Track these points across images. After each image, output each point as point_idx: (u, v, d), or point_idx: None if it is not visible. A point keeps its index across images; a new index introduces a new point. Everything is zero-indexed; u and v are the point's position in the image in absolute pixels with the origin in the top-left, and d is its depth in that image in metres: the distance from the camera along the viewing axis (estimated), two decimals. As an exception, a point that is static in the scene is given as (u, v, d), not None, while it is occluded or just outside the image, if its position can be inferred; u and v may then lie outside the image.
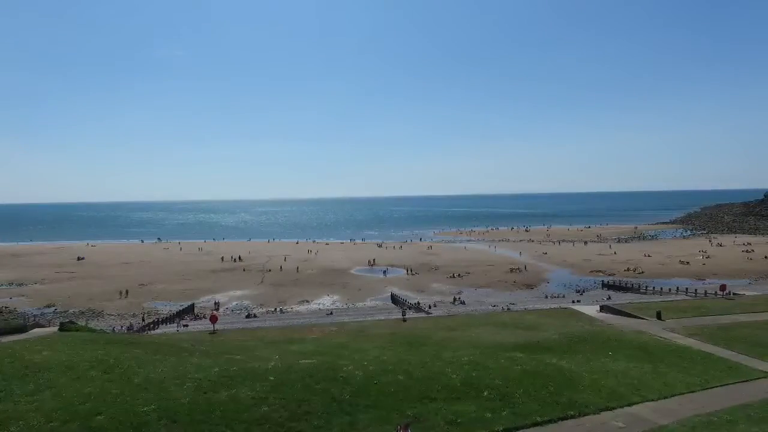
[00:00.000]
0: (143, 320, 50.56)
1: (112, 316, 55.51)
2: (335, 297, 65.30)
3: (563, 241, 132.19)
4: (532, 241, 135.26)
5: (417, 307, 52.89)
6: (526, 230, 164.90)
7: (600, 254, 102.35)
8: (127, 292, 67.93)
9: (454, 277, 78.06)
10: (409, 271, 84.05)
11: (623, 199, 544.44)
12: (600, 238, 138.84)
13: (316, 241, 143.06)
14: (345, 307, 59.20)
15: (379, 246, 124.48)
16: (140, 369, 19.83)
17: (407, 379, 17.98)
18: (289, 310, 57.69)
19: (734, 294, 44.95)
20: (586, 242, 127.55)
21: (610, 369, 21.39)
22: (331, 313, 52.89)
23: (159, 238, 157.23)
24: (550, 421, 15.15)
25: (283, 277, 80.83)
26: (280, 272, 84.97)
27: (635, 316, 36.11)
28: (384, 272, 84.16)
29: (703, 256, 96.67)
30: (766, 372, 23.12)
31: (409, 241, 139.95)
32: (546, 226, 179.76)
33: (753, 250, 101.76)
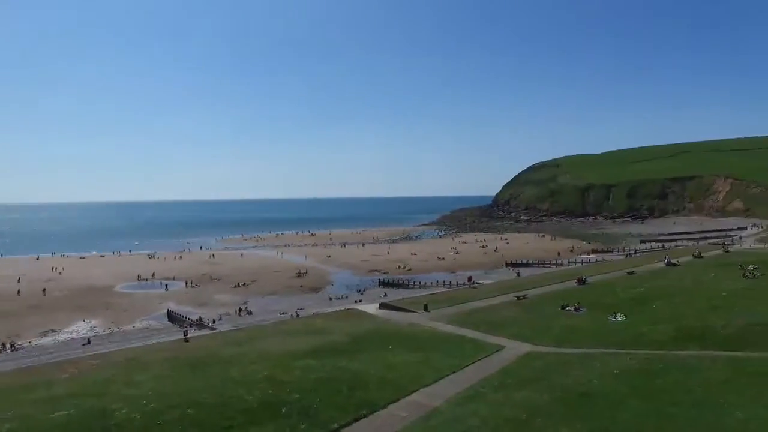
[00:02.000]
0: None
1: None
2: (94, 321, 55.43)
3: (346, 243, 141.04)
4: (317, 245, 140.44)
5: (200, 323, 48.95)
6: (312, 234, 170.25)
7: (376, 255, 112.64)
8: None
9: (239, 286, 75.19)
10: (189, 284, 77.43)
11: (395, 204, 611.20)
12: (376, 240, 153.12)
13: (66, 254, 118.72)
14: (108, 332, 50.82)
15: (151, 257, 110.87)
16: None
17: (197, 411, 16.31)
18: (26, 345, 46.25)
19: (477, 283, 55.27)
20: (364, 244, 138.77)
21: (392, 363, 23.66)
22: (89, 342, 44.55)
23: None
24: (346, 425, 15.82)
25: (16, 304, 64.41)
26: (15, 298, 67.54)
27: (408, 310, 40.85)
28: (158, 287, 75.39)
29: (453, 252, 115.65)
30: (499, 345, 29.03)
31: (187, 250, 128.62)
32: (329, 230, 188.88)
33: (487, 246, 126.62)
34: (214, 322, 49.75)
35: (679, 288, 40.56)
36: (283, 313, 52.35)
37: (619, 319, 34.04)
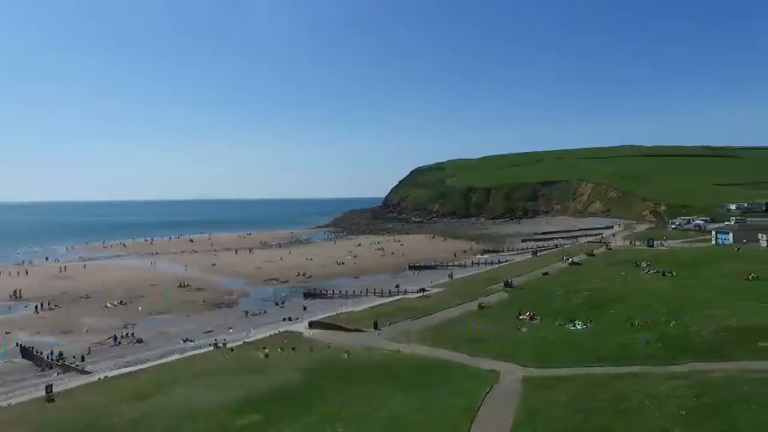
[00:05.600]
0: None
1: None
2: None
3: (229, 249, 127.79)
4: (196, 251, 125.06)
5: (63, 363, 36.90)
6: (190, 240, 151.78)
7: (269, 261, 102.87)
8: None
9: (115, 305, 61.23)
10: (43, 305, 60.65)
11: (281, 206, 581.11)
12: (264, 245, 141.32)
13: None
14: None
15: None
16: None
17: None
18: None
19: (403, 290, 50.78)
20: (251, 249, 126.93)
21: (390, 419, 18.08)
22: None
23: None
24: None
25: None
26: None
27: (353, 329, 35.05)
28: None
29: (351, 256, 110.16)
30: (490, 369, 24.74)
31: (28, 262, 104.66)
32: (208, 235, 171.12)
33: (383, 248, 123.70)
34: (82, 359, 37.75)
35: (618, 290, 41.06)
36: (187, 340, 42.01)
37: (579, 327, 32.61)
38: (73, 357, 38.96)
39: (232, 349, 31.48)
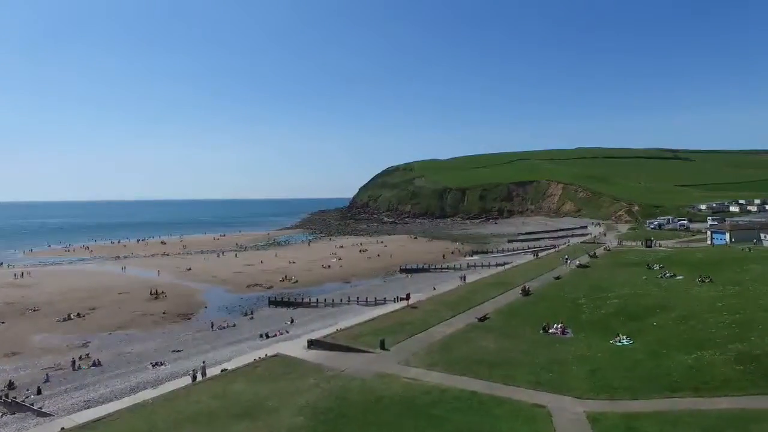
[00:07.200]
0: None
1: None
2: None
3: (204, 252, 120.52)
4: (168, 254, 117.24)
5: (13, 400, 30.61)
6: (162, 242, 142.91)
7: (248, 264, 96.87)
8: None
9: (71, 318, 54.53)
10: (-14, 322, 53.59)
11: (248, 207, 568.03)
12: (239, 247, 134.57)
13: None
14: None
15: None
16: None
17: None
18: None
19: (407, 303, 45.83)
20: (224, 252, 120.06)
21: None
22: None
23: None
24: None
25: None
26: None
27: (357, 350, 30.12)
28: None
29: (336, 259, 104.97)
30: (537, 404, 20.66)
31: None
32: (179, 237, 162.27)
33: (366, 249, 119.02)
34: (39, 391, 31.57)
35: (652, 298, 37.08)
36: (157, 364, 36.17)
37: (626, 342, 28.52)
38: (27, 390, 32.61)
39: (203, 381, 25.72)
